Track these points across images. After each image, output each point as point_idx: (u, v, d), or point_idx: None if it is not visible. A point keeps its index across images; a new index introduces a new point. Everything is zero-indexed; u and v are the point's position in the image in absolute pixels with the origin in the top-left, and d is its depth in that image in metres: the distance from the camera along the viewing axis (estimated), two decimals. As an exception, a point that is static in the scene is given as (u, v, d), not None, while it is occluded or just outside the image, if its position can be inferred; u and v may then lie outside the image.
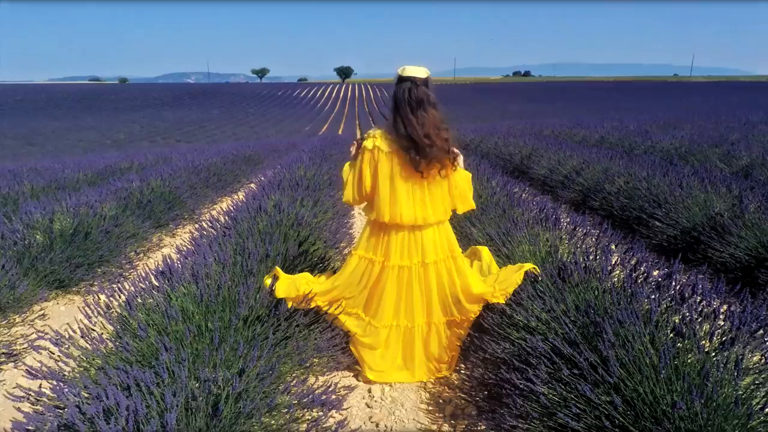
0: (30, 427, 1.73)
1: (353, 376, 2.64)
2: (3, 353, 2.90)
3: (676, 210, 4.35)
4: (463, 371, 2.64)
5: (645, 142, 8.96)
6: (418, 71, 2.29)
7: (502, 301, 2.48)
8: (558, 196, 6.52)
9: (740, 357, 1.68)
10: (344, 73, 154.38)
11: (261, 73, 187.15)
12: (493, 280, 2.58)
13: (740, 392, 1.69)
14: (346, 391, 2.36)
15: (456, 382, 2.56)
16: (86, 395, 1.88)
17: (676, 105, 36.58)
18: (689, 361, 1.84)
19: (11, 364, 2.88)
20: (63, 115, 53.21)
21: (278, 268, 2.58)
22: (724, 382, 1.72)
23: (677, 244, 4.18)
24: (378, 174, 2.36)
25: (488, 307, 2.58)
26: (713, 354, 1.84)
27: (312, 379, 2.41)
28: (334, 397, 2.15)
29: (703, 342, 1.90)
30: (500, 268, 2.69)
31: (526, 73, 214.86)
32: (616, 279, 2.47)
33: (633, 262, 2.54)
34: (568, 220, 3.83)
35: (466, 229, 3.77)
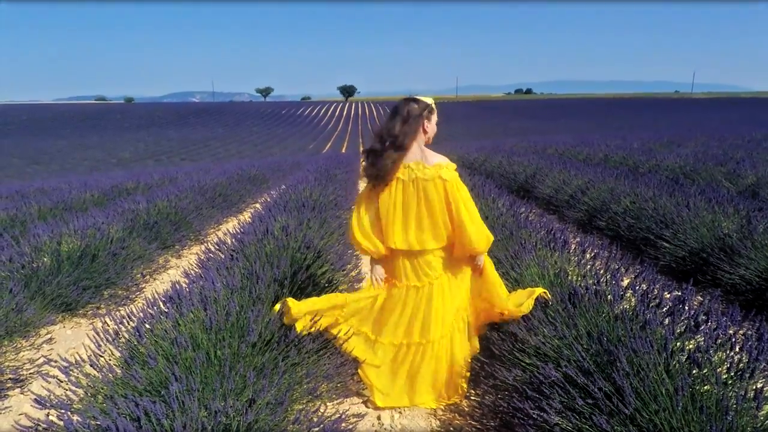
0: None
1: (362, 402, 2.61)
2: (10, 379, 2.88)
3: (683, 231, 4.33)
4: (473, 398, 2.60)
5: (650, 161, 8.97)
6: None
7: (517, 315, 2.51)
8: (564, 216, 6.51)
9: (760, 389, 1.65)
10: (347, 91, 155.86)
11: (265, 92, 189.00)
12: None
13: (759, 425, 1.66)
14: (356, 419, 2.34)
15: (467, 410, 2.53)
16: (94, 423, 1.86)
17: (679, 122, 36.74)
18: (705, 389, 1.81)
19: (17, 390, 2.86)
20: (69, 134, 53.79)
21: (290, 299, 2.54)
22: (742, 413, 1.69)
23: (686, 266, 4.15)
24: None
25: (498, 330, 2.57)
26: (730, 383, 1.81)
27: (321, 407, 2.38)
28: (344, 425, 2.13)
29: (720, 369, 1.87)
30: (510, 293, 2.68)
31: (528, 91, 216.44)
32: (627, 305, 2.45)
33: (644, 287, 2.52)
34: (577, 240, 3.82)
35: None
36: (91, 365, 2.24)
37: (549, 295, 2.61)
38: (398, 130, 2.33)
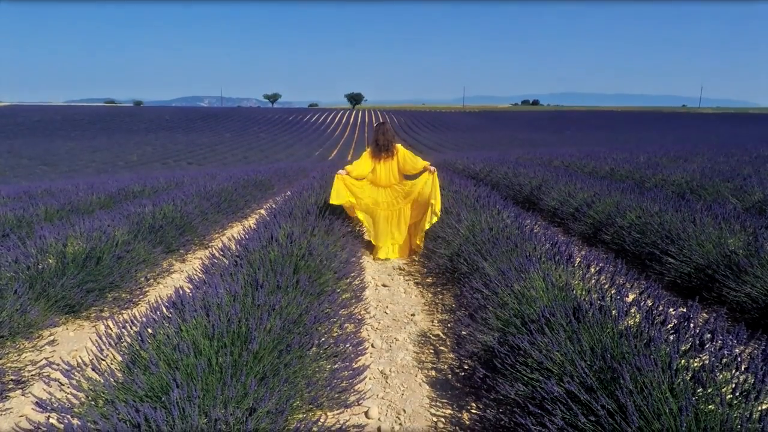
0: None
1: (363, 413, 2.60)
2: (11, 380, 2.88)
3: (689, 247, 4.30)
4: (474, 411, 2.59)
5: (656, 175, 8.93)
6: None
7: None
8: (569, 229, 6.49)
9: (766, 411, 1.63)
10: (354, 99, 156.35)
11: (273, 98, 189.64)
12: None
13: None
14: (356, 430, 2.33)
15: (468, 423, 2.51)
16: (94, 428, 1.86)
17: (686, 136, 36.63)
18: (710, 409, 1.79)
19: (19, 391, 2.86)
20: (78, 136, 54.25)
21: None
22: (747, 434, 1.67)
23: (691, 282, 4.12)
24: None
25: (501, 342, 2.55)
26: (735, 404, 1.79)
27: (322, 417, 2.37)
28: (344, 436, 2.12)
29: (724, 389, 1.85)
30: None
31: (535, 102, 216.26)
32: (632, 321, 2.43)
33: (649, 303, 2.50)
34: (582, 254, 3.80)
35: (479, 263, 3.75)
36: (92, 369, 2.25)
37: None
38: (384, 138, 5.46)
